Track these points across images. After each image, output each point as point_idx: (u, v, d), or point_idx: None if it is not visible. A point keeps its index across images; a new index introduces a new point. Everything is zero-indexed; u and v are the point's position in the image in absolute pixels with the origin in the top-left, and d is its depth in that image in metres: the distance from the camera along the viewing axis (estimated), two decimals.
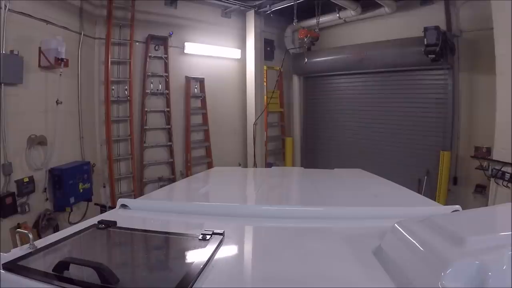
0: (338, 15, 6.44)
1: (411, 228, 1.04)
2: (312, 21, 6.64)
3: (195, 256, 1.05)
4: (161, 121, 6.20)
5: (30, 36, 4.02)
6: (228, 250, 1.16)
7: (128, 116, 5.71)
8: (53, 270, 0.93)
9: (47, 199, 4.37)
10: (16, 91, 3.84)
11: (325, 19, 6.64)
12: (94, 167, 5.23)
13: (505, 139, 3.99)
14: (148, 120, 6.00)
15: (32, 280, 0.91)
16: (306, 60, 6.60)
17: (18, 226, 3.81)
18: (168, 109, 6.19)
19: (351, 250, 1.17)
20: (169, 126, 6.23)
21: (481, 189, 4.92)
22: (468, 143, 5.25)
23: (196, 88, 6.61)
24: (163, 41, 6.08)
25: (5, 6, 3.62)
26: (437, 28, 4.94)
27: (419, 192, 3.85)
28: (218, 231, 1.21)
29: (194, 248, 1.14)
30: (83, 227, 1.32)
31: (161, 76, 6.10)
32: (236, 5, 6.47)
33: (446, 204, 1.86)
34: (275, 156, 7.95)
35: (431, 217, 1.09)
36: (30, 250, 1.08)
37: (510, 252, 0.76)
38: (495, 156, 4.22)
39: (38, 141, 4.14)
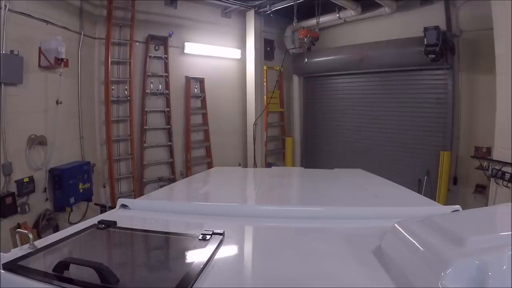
0: (338, 15, 6.44)
1: (411, 228, 1.03)
2: (312, 21, 6.63)
3: (195, 256, 1.05)
4: (161, 121, 6.21)
5: (30, 36, 4.02)
6: (228, 250, 1.16)
7: (128, 116, 5.71)
8: (53, 270, 0.93)
9: (47, 199, 4.37)
10: (16, 91, 3.84)
11: (325, 19, 6.64)
12: (94, 167, 5.23)
13: (505, 139, 3.99)
14: (148, 120, 6.01)
15: (32, 280, 0.91)
16: (306, 60, 6.59)
17: (18, 226, 3.80)
18: (168, 109, 6.19)
19: (351, 250, 1.17)
20: (169, 126, 6.24)
21: (481, 189, 4.92)
22: (468, 143, 5.25)
23: (196, 88, 6.62)
24: (163, 41, 6.09)
25: (5, 6, 3.62)
26: (437, 28, 4.95)
27: (419, 192, 3.85)
28: (218, 231, 1.21)
29: (194, 248, 1.14)
30: (83, 227, 1.32)
31: (161, 76, 6.10)
32: (236, 5, 6.47)
33: (446, 204, 1.86)
34: (275, 156, 7.95)
35: (431, 217, 1.09)
36: (30, 250, 1.07)
37: (510, 252, 0.76)
38: (495, 156, 4.22)
39: (38, 141, 4.15)
